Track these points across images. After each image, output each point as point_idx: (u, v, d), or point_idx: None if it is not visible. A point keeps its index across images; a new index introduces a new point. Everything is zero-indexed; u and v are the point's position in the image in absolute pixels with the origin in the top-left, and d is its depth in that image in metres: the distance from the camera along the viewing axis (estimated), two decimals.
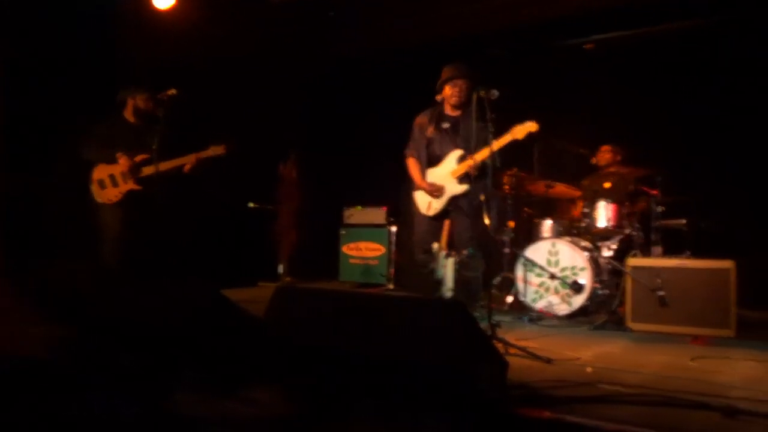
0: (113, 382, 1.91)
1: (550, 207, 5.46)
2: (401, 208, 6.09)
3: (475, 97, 3.67)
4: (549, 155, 5.60)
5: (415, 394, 1.90)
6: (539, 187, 5.26)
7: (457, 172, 4.29)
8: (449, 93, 4.34)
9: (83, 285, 2.54)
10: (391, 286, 6.30)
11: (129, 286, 2.77)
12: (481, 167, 4.03)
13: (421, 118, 4.52)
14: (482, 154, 4.00)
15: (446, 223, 4.55)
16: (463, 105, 4.34)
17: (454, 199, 4.33)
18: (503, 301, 4.96)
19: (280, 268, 6.78)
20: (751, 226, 5.14)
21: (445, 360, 1.97)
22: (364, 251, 6.57)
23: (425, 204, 4.42)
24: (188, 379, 2.02)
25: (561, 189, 5.30)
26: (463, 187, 4.29)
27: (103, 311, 2.26)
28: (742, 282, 3.86)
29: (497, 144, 3.90)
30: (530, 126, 3.91)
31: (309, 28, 6.49)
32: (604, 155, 5.39)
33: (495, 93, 3.61)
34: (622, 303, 4.30)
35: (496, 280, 5.10)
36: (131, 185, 4.34)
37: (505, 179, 5.19)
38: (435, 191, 4.35)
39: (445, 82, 4.36)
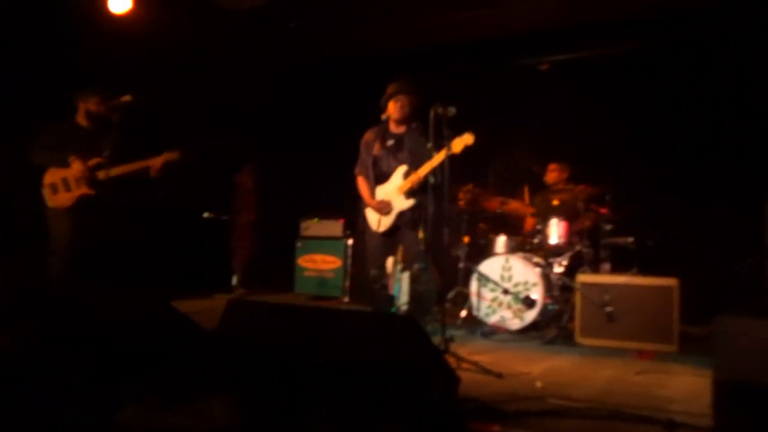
0: (62, 394, 1.87)
1: (505, 223, 5.51)
2: (358, 221, 6.06)
3: (432, 113, 3.71)
4: (504, 172, 5.74)
5: (367, 406, 1.92)
6: (494, 203, 5.34)
7: (403, 187, 4.31)
8: (392, 109, 4.37)
9: (31, 294, 2.48)
10: (346, 300, 6.29)
11: (77, 296, 2.71)
12: (426, 181, 4.09)
13: (368, 136, 4.55)
14: (425, 169, 4.07)
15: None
16: (406, 120, 4.39)
17: (402, 215, 4.35)
18: (457, 316, 4.98)
19: (234, 280, 6.71)
20: (695, 243, 5.32)
21: (396, 374, 1.99)
22: (319, 264, 6.54)
23: (375, 221, 4.43)
24: (138, 391, 2.00)
25: (515, 205, 5.41)
26: (410, 202, 4.31)
27: (51, 321, 2.21)
28: (685, 298, 4.02)
29: (437, 158, 3.94)
30: (466, 139, 3.91)
31: (268, 37, 6.50)
32: (552, 173, 5.52)
33: (452, 110, 3.65)
34: (572, 318, 4.41)
35: (451, 294, 5.14)
36: (84, 190, 4.25)
37: (461, 195, 5.25)
38: (383, 208, 4.37)
39: (389, 98, 4.39)
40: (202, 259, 6.31)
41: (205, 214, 6.75)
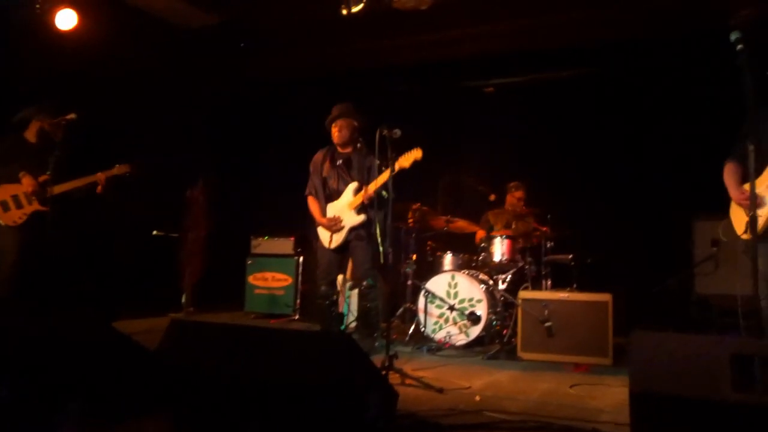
0: None
1: (452, 241, 5.59)
2: (309, 238, 6.11)
3: (378, 134, 3.80)
4: (451, 191, 5.86)
5: (302, 424, 1.97)
6: (441, 221, 5.42)
7: (354, 203, 4.41)
8: (332, 132, 4.52)
9: None
10: (296, 317, 6.27)
11: (16, 315, 2.68)
12: (377, 198, 4.19)
13: (317, 157, 4.66)
14: (375, 184, 4.20)
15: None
16: (349, 142, 4.50)
17: (354, 230, 4.43)
18: (405, 332, 5.05)
19: (184, 298, 6.61)
20: (630, 260, 5.51)
21: (333, 390, 2.05)
22: (270, 281, 6.51)
23: (327, 238, 4.50)
24: (74, 412, 2.00)
25: (461, 224, 5.50)
26: (360, 218, 4.40)
27: None
28: (620, 313, 4.18)
29: (386, 174, 4.03)
30: (415, 153, 4.03)
31: (219, 54, 6.52)
32: (513, 192, 5.64)
33: (397, 132, 3.74)
34: (514, 333, 4.51)
35: (399, 311, 5.21)
36: (36, 206, 4.22)
37: (410, 213, 5.35)
38: (333, 225, 4.44)
39: (330, 122, 4.53)
40: (152, 277, 6.21)
41: (155, 232, 6.64)
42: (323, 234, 4.55)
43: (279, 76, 7.09)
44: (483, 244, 5.21)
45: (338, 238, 4.47)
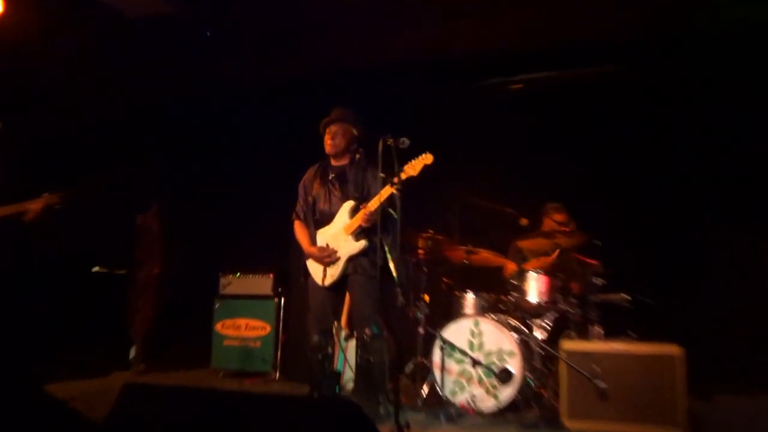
0: None
1: (473, 277, 5.56)
2: (292, 275, 6.11)
3: (381, 144, 3.82)
4: (470, 216, 5.78)
5: None
6: (459, 253, 5.37)
7: (351, 226, 4.38)
8: (325, 140, 4.56)
9: None
10: (276, 376, 6.26)
11: None
12: (382, 217, 4.13)
13: (308, 174, 4.70)
14: (377, 200, 4.16)
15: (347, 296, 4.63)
16: (344, 153, 4.56)
17: (354, 261, 4.39)
18: (416, 394, 4.98)
19: (133, 352, 6.56)
20: (705, 301, 5.46)
21: None
22: (243, 330, 6.48)
23: (319, 273, 4.46)
24: None
25: (485, 256, 5.44)
26: (360, 244, 4.37)
27: None
28: (695, 367, 4.09)
29: (391, 187, 4.04)
30: (424, 158, 4.05)
31: (178, 48, 6.49)
32: (552, 215, 5.58)
33: (405, 142, 3.78)
34: (556, 395, 4.42)
35: (408, 367, 5.13)
36: None
37: (420, 243, 5.29)
38: (325, 256, 4.41)
39: (323, 129, 4.58)
40: (92, 326, 6.20)
41: (96, 269, 6.65)
42: (315, 269, 4.52)
43: (254, 76, 7.11)
44: (513, 281, 5.16)
45: (334, 272, 4.43)
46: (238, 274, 6.73)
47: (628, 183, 5.95)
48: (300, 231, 4.62)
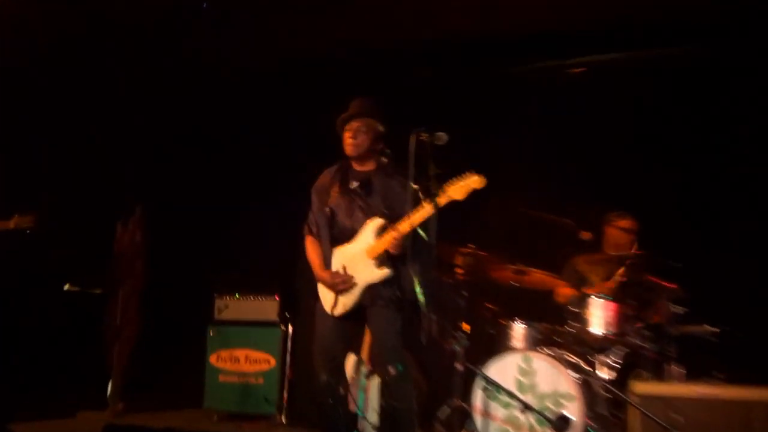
0: None
1: (523, 303, 5.54)
2: (303, 297, 6.13)
3: (412, 141, 3.77)
4: (520, 229, 5.81)
5: None
6: (506, 273, 5.35)
7: (375, 250, 4.32)
8: (344, 140, 4.53)
9: None
10: (282, 420, 6.27)
11: None
12: (412, 242, 4.10)
13: (323, 179, 4.67)
14: (411, 221, 4.09)
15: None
16: (369, 155, 4.54)
17: (372, 291, 4.36)
18: None
19: (110, 387, 6.57)
20: None
21: None
22: (243, 364, 6.48)
23: (329, 300, 4.44)
24: None
25: (538, 277, 5.42)
26: (382, 273, 4.32)
27: None
28: None
29: (428, 207, 3.99)
30: (472, 181, 4.00)
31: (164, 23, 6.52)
32: (616, 222, 5.57)
33: (443, 137, 3.73)
34: None
35: (443, 411, 5.08)
36: None
37: (459, 260, 5.27)
38: (339, 283, 4.38)
39: (341, 126, 4.55)
40: (63, 356, 6.28)
41: (67, 287, 6.69)
42: (324, 293, 4.51)
43: (255, 58, 7.11)
44: (572, 308, 5.11)
45: (347, 302, 4.40)
46: (237, 295, 6.72)
47: (716, 191, 5.91)
48: (312, 249, 4.61)
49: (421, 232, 4.10)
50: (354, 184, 4.52)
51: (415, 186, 3.99)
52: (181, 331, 6.83)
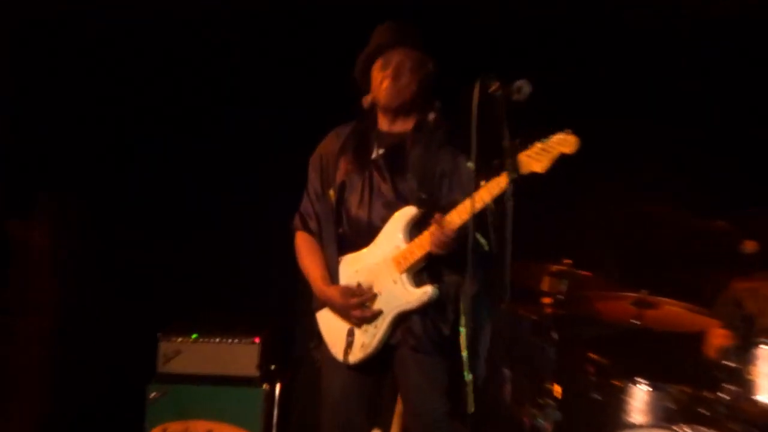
0: None
1: (647, 353, 5.60)
2: (295, 340, 6.30)
3: (476, 92, 3.64)
4: (641, 237, 5.90)
5: None
6: (621, 304, 5.34)
7: (408, 256, 4.24)
8: (377, 81, 4.48)
9: None
10: None
11: None
12: (467, 242, 3.90)
13: (328, 143, 4.69)
14: (462, 212, 4.00)
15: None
16: (410, 109, 4.50)
17: (405, 322, 4.28)
18: None
19: None
20: None
21: None
22: None
23: (340, 339, 4.38)
24: None
25: (672, 311, 5.38)
26: (422, 293, 4.21)
27: None
28: None
29: (489, 189, 3.90)
30: (562, 141, 3.85)
31: None
32: None
33: (524, 89, 3.63)
34: None
35: None
36: None
37: (546, 284, 5.41)
38: (354, 305, 4.30)
39: (370, 60, 4.53)
40: None
41: None
42: (332, 329, 4.47)
43: None
44: (729, 362, 5.03)
45: (368, 341, 4.32)
46: (195, 335, 6.72)
47: None
48: (307, 253, 4.58)
49: (480, 239, 4.03)
50: (378, 153, 4.48)
51: (469, 163, 3.89)
52: (108, 390, 6.92)
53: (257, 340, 6.54)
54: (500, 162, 3.74)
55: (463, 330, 4.07)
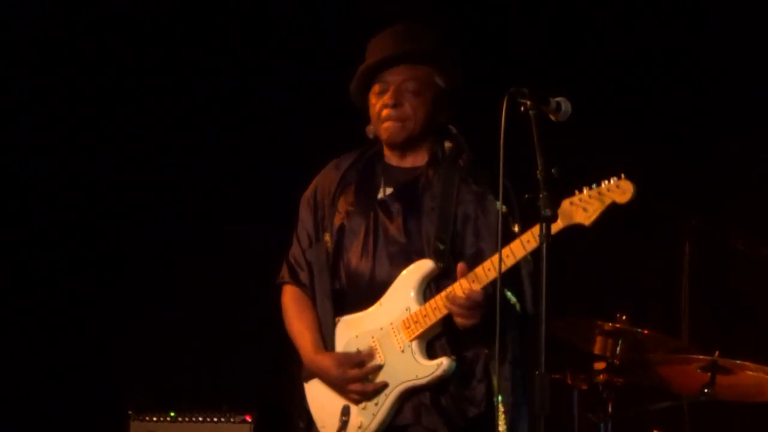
0: None
1: (720, 427, 5.82)
2: (289, 420, 5.85)
3: (505, 110, 3.32)
4: (723, 282, 5.87)
5: None
6: (691, 370, 5.13)
7: (420, 320, 3.94)
8: (375, 110, 4.20)
9: None
10: None
11: None
12: (493, 306, 3.58)
13: (326, 178, 4.44)
14: (494, 269, 3.70)
15: None
16: (420, 140, 4.25)
17: (414, 398, 4.00)
18: None
19: None
20: None
21: None
22: None
23: (333, 419, 4.07)
24: None
25: (755, 379, 5.19)
26: (436, 366, 3.90)
27: None
28: None
29: (525, 241, 3.65)
30: (616, 191, 3.56)
31: None
32: None
33: (564, 107, 3.45)
34: None
35: None
36: None
37: (597, 346, 5.34)
38: (352, 378, 4.00)
39: (364, 84, 4.26)
40: None
41: None
42: (323, 406, 4.19)
43: None
44: None
45: (367, 422, 4.04)
46: (173, 413, 6.50)
47: None
48: (295, 310, 4.28)
49: (511, 296, 3.83)
50: (385, 191, 4.15)
51: (501, 204, 3.60)
52: None
53: (248, 418, 6.44)
54: (531, 197, 3.32)
55: (501, 415, 3.78)
